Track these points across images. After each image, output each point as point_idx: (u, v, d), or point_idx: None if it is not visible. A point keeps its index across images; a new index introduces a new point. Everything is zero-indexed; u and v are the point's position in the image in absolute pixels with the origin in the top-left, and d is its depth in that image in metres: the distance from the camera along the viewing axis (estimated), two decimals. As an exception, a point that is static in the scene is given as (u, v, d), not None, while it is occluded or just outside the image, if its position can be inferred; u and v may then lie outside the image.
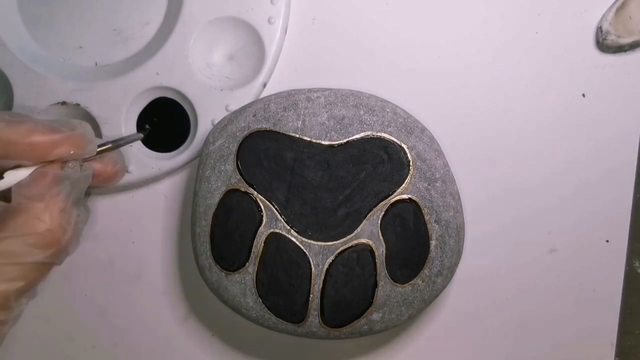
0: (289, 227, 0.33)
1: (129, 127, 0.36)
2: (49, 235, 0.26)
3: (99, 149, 0.30)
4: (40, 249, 0.26)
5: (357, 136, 0.33)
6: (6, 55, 0.36)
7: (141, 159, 0.36)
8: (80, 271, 0.38)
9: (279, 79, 0.37)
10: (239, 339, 0.38)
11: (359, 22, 0.37)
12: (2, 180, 0.27)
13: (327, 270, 0.33)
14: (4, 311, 0.25)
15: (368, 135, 0.33)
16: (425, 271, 0.33)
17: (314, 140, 0.33)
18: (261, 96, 0.36)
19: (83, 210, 0.29)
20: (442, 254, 0.33)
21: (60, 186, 0.27)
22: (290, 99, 0.34)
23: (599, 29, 0.36)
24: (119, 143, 0.32)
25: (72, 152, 0.27)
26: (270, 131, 0.33)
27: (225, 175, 0.33)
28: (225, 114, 0.35)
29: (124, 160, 0.32)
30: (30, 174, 0.27)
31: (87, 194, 0.33)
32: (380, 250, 0.32)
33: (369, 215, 0.33)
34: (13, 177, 0.27)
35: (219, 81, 0.36)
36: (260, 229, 0.33)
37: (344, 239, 0.33)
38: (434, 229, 0.33)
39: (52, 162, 0.27)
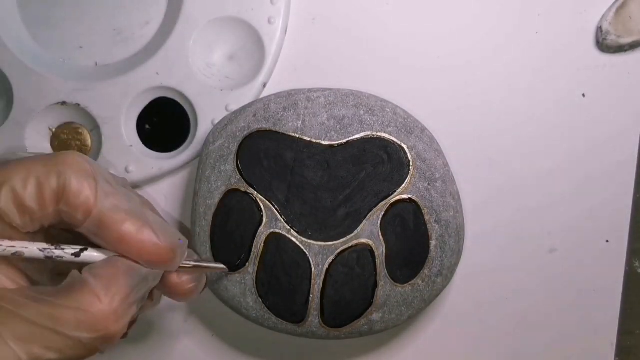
0: (289, 227, 0.33)
1: (129, 127, 0.36)
2: (101, 318, 0.25)
3: (180, 267, 0.29)
4: (89, 328, 0.25)
5: (357, 136, 0.33)
6: (6, 55, 0.36)
7: (141, 159, 0.36)
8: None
9: (279, 79, 0.37)
10: (239, 339, 0.38)
11: (359, 22, 0.37)
12: (83, 255, 0.27)
13: (327, 270, 0.33)
14: None
15: (368, 135, 0.33)
16: (425, 271, 0.33)
17: (314, 140, 0.33)
18: (261, 96, 0.36)
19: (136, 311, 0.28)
20: (442, 254, 0.33)
21: (129, 277, 0.27)
22: (290, 99, 0.34)
23: (599, 29, 0.36)
24: (201, 268, 0.30)
25: (145, 261, 0.27)
26: (270, 131, 0.33)
27: (225, 175, 0.33)
28: (225, 114, 0.35)
29: (204, 280, 0.31)
30: (107, 258, 0.27)
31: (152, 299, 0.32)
32: (380, 250, 0.32)
33: (369, 215, 0.33)
34: (92, 256, 0.27)
35: (219, 81, 0.36)
36: (260, 229, 0.33)
37: (344, 239, 0.33)
38: (434, 229, 0.33)
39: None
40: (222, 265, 0.32)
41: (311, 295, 0.33)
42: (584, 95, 0.36)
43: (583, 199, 0.36)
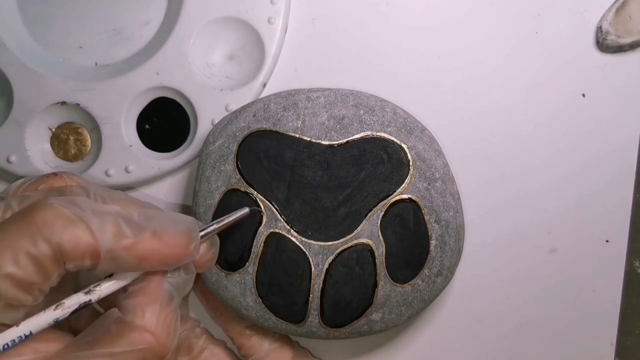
0: (289, 227, 0.33)
1: (129, 127, 0.36)
2: (158, 348, 0.26)
3: (202, 238, 0.28)
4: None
5: (357, 136, 0.33)
6: (6, 55, 0.36)
7: (141, 159, 0.36)
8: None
9: (279, 79, 0.37)
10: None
11: (359, 22, 0.37)
12: (104, 288, 0.26)
13: (327, 270, 0.33)
14: None
15: (368, 135, 0.33)
16: (425, 271, 0.33)
17: (313, 140, 0.33)
18: (261, 96, 0.36)
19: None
20: (442, 254, 0.33)
21: (167, 295, 0.27)
22: (290, 99, 0.34)
23: (599, 29, 0.36)
24: (224, 224, 0.30)
25: (171, 265, 0.27)
26: (270, 131, 0.33)
27: (225, 175, 0.33)
28: (225, 114, 0.35)
29: (218, 245, 0.31)
30: (137, 285, 0.27)
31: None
32: (380, 250, 0.32)
33: (368, 215, 0.33)
34: (119, 283, 0.27)
35: (219, 81, 0.36)
36: (260, 228, 0.33)
37: (344, 239, 0.33)
38: (434, 229, 0.33)
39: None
40: (244, 210, 0.31)
41: (311, 295, 0.33)
42: (584, 95, 0.36)
43: (583, 199, 0.36)
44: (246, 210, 0.31)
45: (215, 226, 0.29)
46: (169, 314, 0.26)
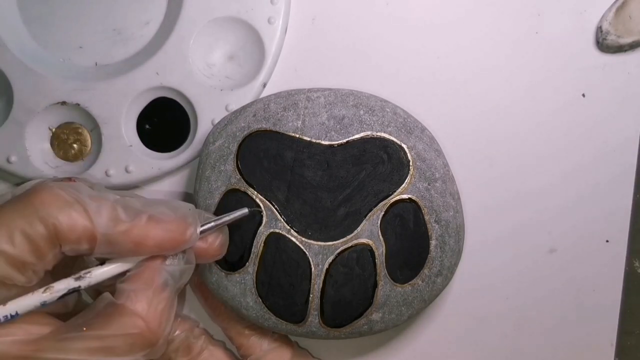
0: (289, 227, 0.33)
1: (129, 127, 0.36)
2: (148, 334, 0.26)
3: (201, 233, 0.28)
4: (140, 347, 0.25)
5: (357, 136, 0.33)
6: (6, 55, 0.36)
7: (141, 159, 0.36)
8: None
9: (279, 79, 0.37)
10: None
11: (359, 22, 0.37)
12: (106, 267, 0.26)
13: (327, 270, 0.33)
14: None
15: (368, 135, 0.33)
16: (425, 271, 0.33)
17: (313, 140, 0.33)
18: (261, 96, 0.36)
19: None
20: (442, 254, 0.33)
21: (163, 283, 0.26)
22: (290, 99, 0.34)
23: (599, 29, 0.36)
24: (223, 223, 0.30)
25: (168, 250, 0.27)
26: (270, 131, 0.33)
27: (225, 175, 0.33)
28: (225, 114, 0.35)
29: (227, 232, 0.31)
30: (133, 271, 0.27)
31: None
32: (380, 250, 0.32)
33: (368, 215, 0.33)
34: (110, 271, 0.27)
35: (219, 81, 0.36)
36: (260, 229, 0.33)
37: (344, 239, 0.33)
38: (434, 229, 0.33)
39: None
40: (243, 210, 0.31)
41: (311, 295, 0.33)
42: (584, 95, 0.36)
43: (583, 199, 0.36)
44: (245, 211, 0.31)
45: (213, 224, 0.29)
46: (162, 301, 0.26)
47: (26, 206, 0.24)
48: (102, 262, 0.27)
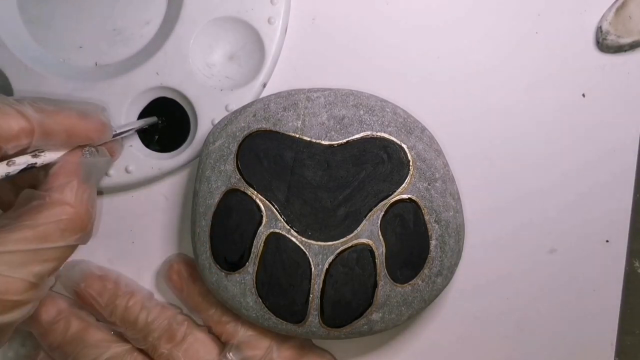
0: (289, 227, 0.33)
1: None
2: (78, 220, 0.28)
3: (115, 135, 0.32)
4: (71, 232, 0.28)
5: (357, 136, 0.33)
6: (6, 55, 0.36)
7: (141, 159, 0.36)
8: (80, 271, 0.38)
9: (279, 79, 0.37)
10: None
11: (359, 22, 0.37)
12: (48, 155, 0.29)
13: (327, 270, 0.33)
14: (35, 290, 0.27)
15: (368, 135, 0.33)
16: (425, 271, 0.33)
17: (313, 140, 0.33)
18: (261, 96, 0.36)
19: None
20: (442, 254, 0.33)
21: (85, 173, 0.29)
22: (290, 99, 0.34)
23: (599, 29, 0.36)
24: (134, 128, 0.34)
25: (94, 138, 0.30)
26: (270, 131, 0.33)
27: (225, 175, 0.33)
28: (225, 114, 0.35)
29: (122, 145, 0.35)
30: (55, 166, 0.29)
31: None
32: (380, 250, 0.32)
33: (368, 215, 0.33)
34: (55, 155, 0.29)
35: (219, 81, 0.36)
36: (260, 229, 0.33)
37: (344, 239, 0.33)
38: (434, 229, 0.33)
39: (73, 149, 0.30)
40: (153, 118, 0.35)
41: (311, 295, 0.33)
42: (584, 95, 0.36)
43: (583, 199, 0.36)
44: (154, 119, 0.35)
45: (125, 129, 0.34)
46: (87, 189, 0.29)
47: None
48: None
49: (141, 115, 0.36)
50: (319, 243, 0.33)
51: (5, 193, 0.32)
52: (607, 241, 0.37)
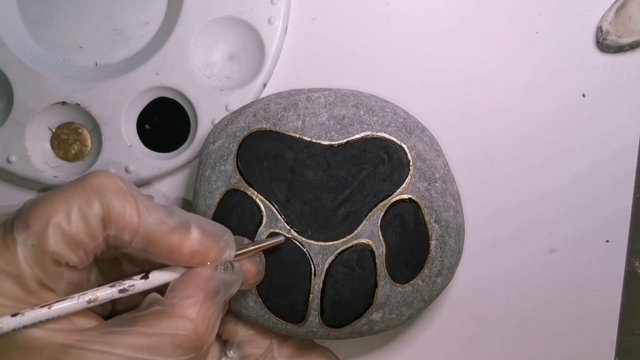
0: (289, 227, 0.33)
1: (129, 127, 0.36)
2: (195, 338, 0.26)
3: (236, 256, 0.29)
4: (186, 350, 0.25)
5: (357, 136, 0.33)
6: (6, 55, 0.36)
7: (141, 159, 0.36)
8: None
9: (279, 79, 0.37)
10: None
11: (359, 22, 0.37)
12: (150, 280, 0.26)
13: (327, 270, 0.33)
14: None
15: (368, 135, 0.33)
16: (425, 271, 0.33)
17: (314, 140, 0.33)
18: (261, 96, 0.36)
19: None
20: (442, 254, 0.33)
21: (213, 289, 0.27)
22: (290, 99, 0.34)
23: (599, 29, 0.36)
24: (260, 247, 0.31)
25: (217, 259, 0.27)
26: (270, 131, 0.33)
27: (225, 175, 0.33)
28: (225, 114, 0.35)
29: (263, 259, 0.31)
30: (185, 275, 0.27)
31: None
32: (380, 250, 0.32)
33: (369, 215, 0.33)
34: (162, 277, 0.27)
35: (219, 81, 0.36)
36: (260, 229, 0.33)
37: (344, 239, 0.33)
38: (434, 229, 0.33)
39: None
40: (280, 238, 0.32)
41: (311, 295, 0.33)
42: (584, 95, 0.36)
43: (583, 199, 0.36)
44: (281, 239, 0.32)
45: (251, 247, 0.30)
46: (211, 308, 0.26)
47: (85, 187, 0.25)
48: (143, 272, 0.27)
49: (141, 116, 0.36)
50: (319, 243, 0.33)
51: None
52: (607, 241, 0.37)
